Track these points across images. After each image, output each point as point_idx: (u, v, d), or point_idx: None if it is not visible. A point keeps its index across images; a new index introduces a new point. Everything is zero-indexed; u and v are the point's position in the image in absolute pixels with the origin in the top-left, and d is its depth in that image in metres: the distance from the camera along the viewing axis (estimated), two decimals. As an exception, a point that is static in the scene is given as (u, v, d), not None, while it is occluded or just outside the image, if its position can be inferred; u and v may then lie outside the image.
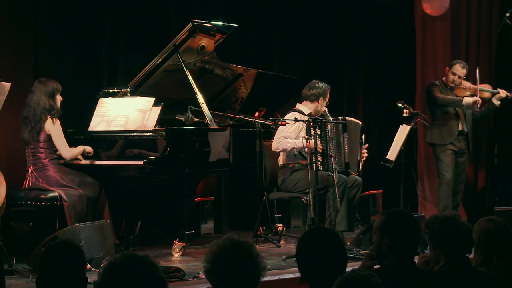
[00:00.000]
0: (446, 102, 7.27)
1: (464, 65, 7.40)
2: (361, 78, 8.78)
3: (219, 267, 2.70)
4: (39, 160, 5.71)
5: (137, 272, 2.36)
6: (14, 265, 5.13)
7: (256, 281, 2.73)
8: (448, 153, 7.39)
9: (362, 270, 2.48)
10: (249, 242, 2.79)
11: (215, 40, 6.39)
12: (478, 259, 3.66)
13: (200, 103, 6.16)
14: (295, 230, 7.43)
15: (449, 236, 3.40)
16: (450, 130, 7.36)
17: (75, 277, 2.78)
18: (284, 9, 8.20)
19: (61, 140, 5.72)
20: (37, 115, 5.66)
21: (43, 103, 5.66)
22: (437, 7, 8.49)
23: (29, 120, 5.69)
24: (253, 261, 2.73)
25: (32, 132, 5.68)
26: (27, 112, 5.70)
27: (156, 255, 5.86)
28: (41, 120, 5.66)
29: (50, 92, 5.70)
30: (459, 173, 7.50)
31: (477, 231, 3.65)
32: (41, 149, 5.71)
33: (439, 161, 7.44)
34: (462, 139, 7.44)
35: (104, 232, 5.31)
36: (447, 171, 7.38)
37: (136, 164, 5.81)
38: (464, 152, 7.48)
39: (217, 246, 2.75)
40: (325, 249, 2.94)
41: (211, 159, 6.07)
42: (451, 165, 7.38)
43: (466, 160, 7.55)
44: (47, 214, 5.54)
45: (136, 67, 6.50)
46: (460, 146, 7.44)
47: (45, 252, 2.84)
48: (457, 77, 7.33)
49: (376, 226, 3.32)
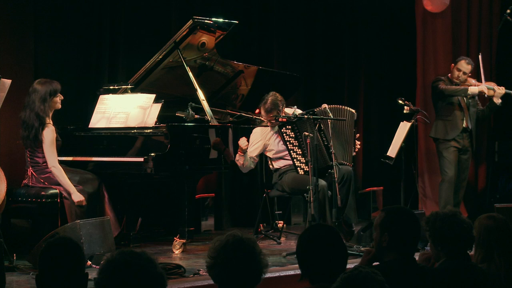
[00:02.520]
0: (451, 91, 7.24)
1: (470, 61, 7.41)
2: (362, 74, 8.77)
3: (222, 262, 2.71)
4: (37, 164, 5.67)
5: (135, 269, 2.36)
6: (15, 261, 5.12)
7: (257, 278, 2.74)
8: (451, 150, 7.38)
9: (365, 267, 2.47)
10: (252, 239, 2.79)
11: (215, 37, 6.38)
12: (478, 256, 3.66)
13: (201, 99, 6.16)
14: (296, 227, 7.43)
15: (450, 233, 3.40)
16: (455, 124, 7.34)
17: (75, 272, 2.78)
18: (285, 5, 8.18)
19: (50, 150, 5.56)
20: (31, 120, 5.57)
21: (36, 108, 5.57)
22: (438, 4, 8.48)
23: (26, 124, 5.62)
24: (256, 258, 2.73)
25: (29, 137, 5.60)
26: (24, 117, 5.63)
27: (157, 252, 5.86)
28: (34, 128, 5.55)
29: (43, 96, 5.58)
30: (462, 171, 7.51)
31: (478, 228, 3.65)
32: (39, 154, 5.64)
33: (442, 158, 7.43)
34: (466, 136, 7.44)
35: (104, 229, 5.32)
36: (449, 168, 7.37)
37: (136, 160, 5.81)
38: (468, 149, 7.48)
39: (220, 242, 2.75)
40: (325, 245, 2.94)
41: (211, 156, 6.07)
42: (453, 162, 7.38)
43: (469, 157, 7.55)
44: (48, 210, 5.54)
45: (136, 64, 6.50)
46: (464, 143, 7.43)
47: (43, 248, 2.84)
48: (462, 73, 7.33)
49: (376, 223, 3.32)
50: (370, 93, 8.78)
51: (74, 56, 6.71)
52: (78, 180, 5.71)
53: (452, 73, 7.39)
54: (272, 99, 6.22)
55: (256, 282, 2.73)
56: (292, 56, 8.24)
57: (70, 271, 2.76)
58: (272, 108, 6.21)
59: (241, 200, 7.83)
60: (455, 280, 3.34)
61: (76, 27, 6.70)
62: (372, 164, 8.41)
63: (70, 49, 6.67)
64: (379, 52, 8.83)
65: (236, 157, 6.19)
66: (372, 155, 8.39)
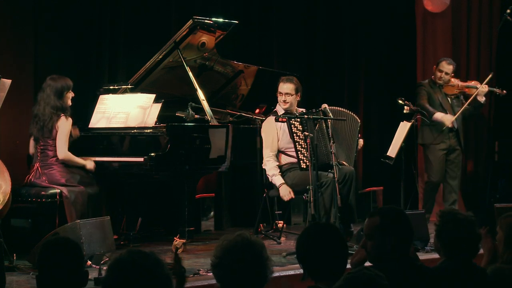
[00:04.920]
0: (423, 109, 7.29)
1: (451, 62, 7.51)
2: (362, 74, 8.76)
3: (228, 263, 2.66)
4: (47, 157, 5.72)
5: (143, 269, 2.36)
6: (15, 261, 5.12)
7: (262, 283, 2.69)
8: (439, 155, 7.47)
9: (369, 269, 2.44)
10: (261, 243, 2.74)
11: (215, 37, 6.38)
12: (507, 256, 3.58)
13: (201, 99, 6.15)
14: (296, 227, 7.42)
15: (459, 240, 3.36)
16: (440, 128, 7.39)
17: (74, 271, 2.78)
18: (285, 5, 8.18)
19: (63, 139, 5.70)
20: (46, 114, 5.67)
21: (52, 102, 5.68)
22: (438, 4, 8.49)
23: (38, 118, 5.70)
24: (263, 263, 2.69)
25: (43, 130, 5.69)
26: (37, 110, 5.72)
27: (157, 252, 5.82)
28: (52, 120, 5.67)
29: (59, 90, 5.71)
30: (452, 169, 7.56)
31: (505, 228, 3.60)
32: (50, 147, 5.72)
33: (429, 163, 7.58)
34: (452, 136, 7.51)
35: (104, 229, 5.32)
36: (435, 174, 7.54)
37: (136, 160, 5.80)
38: (455, 148, 7.54)
39: (228, 242, 2.70)
40: (325, 244, 2.94)
41: (211, 156, 6.07)
42: (440, 170, 7.51)
43: (458, 155, 7.60)
44: (48, 210, 5.54)
45: (136, 64, 6.49)
46: (451, 143, 7.52)
47: (41, 248, 2.84)
48: (444, 73, 7.44)
49: (371, 229, 3.23)
50: (370, 93, 8.78)
51: (74, 56, 6.70)
52: (79, 179, 5.72)
53: (435, 74, 7.49)
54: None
55: (259, 287, 2.70)
56: (292, 56, 8.23)
57: (68, 269, 2.76)
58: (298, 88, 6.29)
59: (241, 200, 7.83)
60: (455, 280, 3.33)
61: (76, 27, 6.69)
62: (372, 164, 8.41)
63: (70, 49, 6.67)
64: (379, 52, 8.83)
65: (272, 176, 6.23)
66: (372, 155, 8.38)
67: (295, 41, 8.28)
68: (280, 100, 6.32)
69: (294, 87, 6.30)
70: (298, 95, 6.34)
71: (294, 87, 6.30)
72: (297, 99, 6.35)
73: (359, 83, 8.74)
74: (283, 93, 6.30)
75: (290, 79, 6.34)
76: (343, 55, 8.66)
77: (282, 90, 6.31)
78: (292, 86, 6.29)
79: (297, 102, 6.38)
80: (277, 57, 8.13)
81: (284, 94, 6.29)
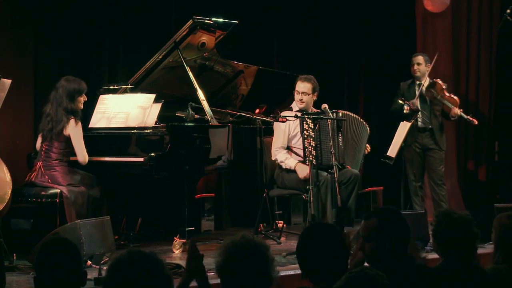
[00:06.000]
0: (393, 110, 7.39)
1: (417, 54, 7.59)
2: (362, 74, 8.77)
3: (233, 266, 2.65)
4: (49, 158, 5.73)
5: (143, 269, 2.36)
6: (15, 261, 5.12)
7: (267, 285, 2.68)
8: (412, 154, 7.37)
9: (371, 269, 2.44)
10: (266, 245, 2.73)
11: (215, 37, 6.38)
12: (499, 257, 3.58)
13: (201, 99, 6.15)
14: (296, 227, 7.42)
15: (455, 240, 3.36)
16: (411, 130, 7.25)
17: (72, 271, 2.78)
18: (285, 5, 8.18)
19: (80, 145, 5.72)
20: (58, 115, 5.68)
21: (64, 103, 5.69)
22: (438, 3, 8.49)
23: (51, 118, 5.71)
24: (268, 266, 2.68)
25: (52, 132, 5.70)
26: (50, 109, 5.73)
27: (157, 252, 5.83)
28: (62, 121, 5.67)
29: (71, 93, 5.72)
30: (433, 169, 7.46)
31: (498, 228, 3.59)
32: (54, 149, 5.73)
33: (407, 164, 7.45)
34: (426, 136, 7.41)
35: (104, 229, 5.32)
36: (410, 172, 7.43)
37: (136, 160, 5.80)
38: (432, 148, 7.43)
39: (233, 244, 2.69)
40: (325, 244, 2.94)
41: (211, 156, 6.07)
42: (417, 172, 7.41)
43: (440, 156, 7.46)
44: (48, 210, 5.54)
45: (136, 64, 6.49)
46: (424, 143, 7.40)
47: (39, 248, 2.84)
48: (415, 65, 7.42)
49: (370, 230, 3.21)
50: (370, 93, 8.78)
51: (74, 56, 6.70)
52: (79, 180, 5.72)
53: (412, 70, 7.45)
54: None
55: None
56: (292, 56, 8.23)
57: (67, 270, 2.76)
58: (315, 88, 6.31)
59: (241, 200, 7.83)
60: (455, 280, 3.33)
61: (76, 27, 6.70)
62: (372, 164, 8.40)
63: (70, 49, 6.67)
64: (379, 52, 8.83)
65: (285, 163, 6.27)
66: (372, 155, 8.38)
67: (295, 41, 8.28)
68: (297, 98, 6.34)
69: (312, 87, 6.31)
70: (315, 95, 6.35)
71: (312, 86, 6.31)
72: (314, 99, 6.36)
73: (359, 83, 8.74)
74: (300, 92, 6.32)
75: (308, 78, 6.34)
76: (343, 55, 8.67)
77: (299, 89, 6.33)
78: (309, 85, 6.31)
79: (313, 102, 6.38)
80: (277, 57, 8.13)
81: (301, 93, 6.31)
